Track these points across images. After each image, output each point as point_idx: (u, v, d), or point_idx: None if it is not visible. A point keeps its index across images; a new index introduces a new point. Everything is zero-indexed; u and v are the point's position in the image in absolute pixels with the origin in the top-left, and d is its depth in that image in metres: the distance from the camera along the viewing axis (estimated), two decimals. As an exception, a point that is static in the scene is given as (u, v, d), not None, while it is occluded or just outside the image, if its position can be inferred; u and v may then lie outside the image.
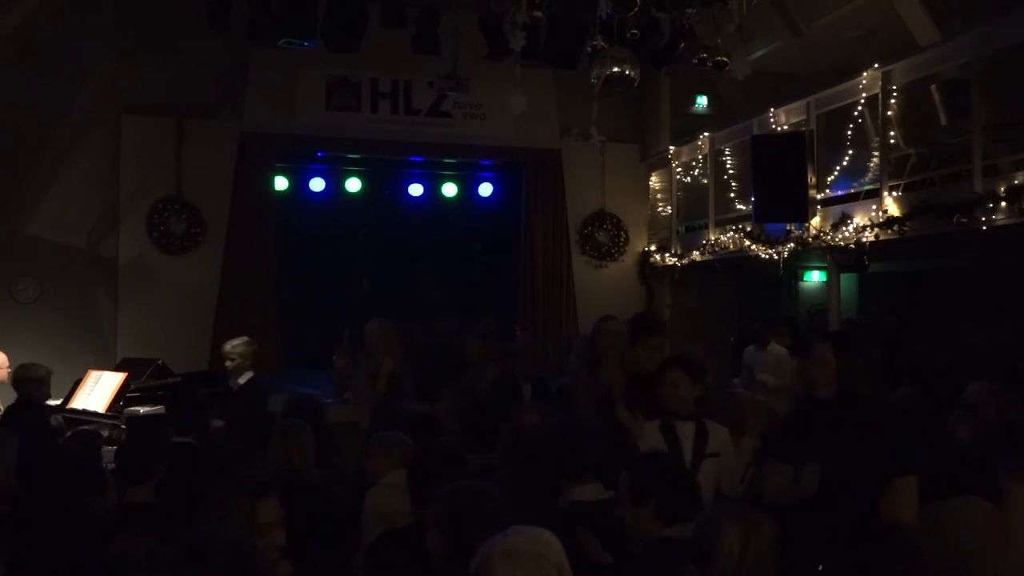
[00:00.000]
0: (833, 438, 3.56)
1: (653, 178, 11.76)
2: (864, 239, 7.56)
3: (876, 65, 7.62)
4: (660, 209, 11.61)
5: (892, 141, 7.52)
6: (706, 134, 10.30)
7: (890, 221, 7.28)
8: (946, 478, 3.32)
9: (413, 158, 11.49)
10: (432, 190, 11.87)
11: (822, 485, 3.51)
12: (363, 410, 6.05)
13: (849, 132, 7.98)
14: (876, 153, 7.71)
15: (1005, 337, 8.65)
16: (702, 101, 11.94)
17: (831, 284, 8.70)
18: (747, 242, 9.21)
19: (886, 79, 7.53)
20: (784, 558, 2.52)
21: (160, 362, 7.70)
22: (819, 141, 8.35)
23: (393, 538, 3.38)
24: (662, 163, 11.39)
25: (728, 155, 9.94)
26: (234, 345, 6.64)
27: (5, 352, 6.79)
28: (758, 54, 9.41)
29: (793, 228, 8.54)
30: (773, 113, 8.92)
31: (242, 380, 6.60)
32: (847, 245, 7.81)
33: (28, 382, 6.16)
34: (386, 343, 6.38)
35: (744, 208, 9.43)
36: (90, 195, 9.95)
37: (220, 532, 2.15)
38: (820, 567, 3.26)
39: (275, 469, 4.07)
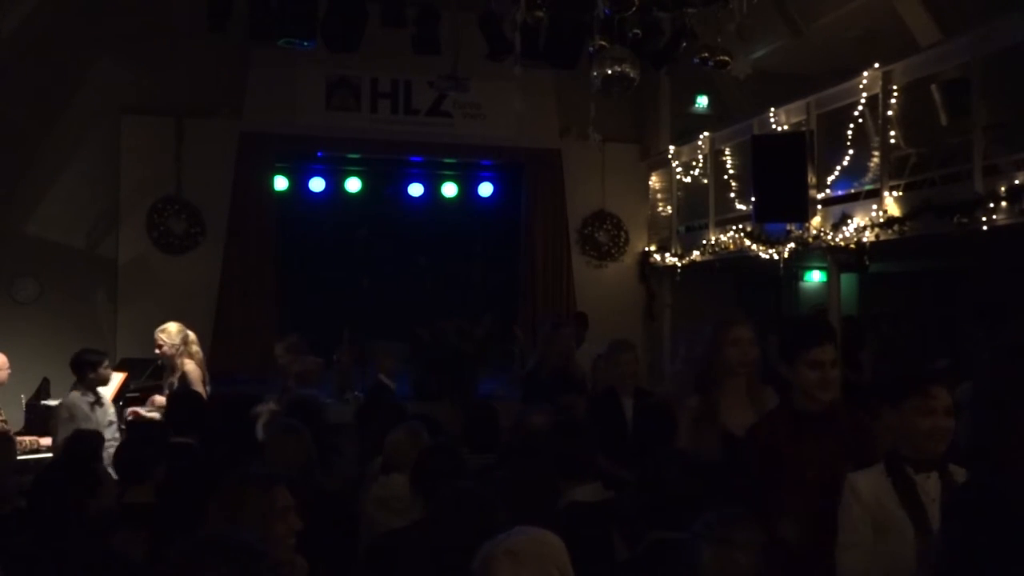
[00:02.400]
0: None
1: (653, 178, 11.75)
2: (864, 239, 7.56)
3: (876, 65, 7.61)
4: (660, 209, 11.61)
5: (892, 141, 7.51)
6: (706, 134, 10.29)
7: (890, 221, 7.28)
8: None
9: (413, 158, 11.49)
10: (432, 190, 11.87)
11: None
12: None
13: (849, 132, 7.97)
14: (876, 153, 7.71)
15: (1005, 337, 8.64)
16: (702, 101, 11.93)
17: (831, 284, 8.69)
18: (747, 242, 9.21)
19: (886, 79, 7.52)
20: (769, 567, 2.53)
21: (160, 362, 7.70)
22: (819, 141, 8.34)
23: (392, 538, 3.38)
24: (662, 163, 11.39)
25: (728, 155, 9.93)
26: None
27: (4, 352, 6.78)
28: (758, 54, 9.40)
29: (793, 228, 8.53)
30: (773, 113, 8.92)
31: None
32: (847, 245, 7.80)
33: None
34: (184, 347, 6.56)
35: (744, 208, 9.42)
36: (90, 195, 9.96)
37: (228, 533, 2.15)
38: None
39: (273, 469, 4.07)
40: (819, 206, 8.29)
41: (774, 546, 2.77)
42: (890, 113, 7.49)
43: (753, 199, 8.69)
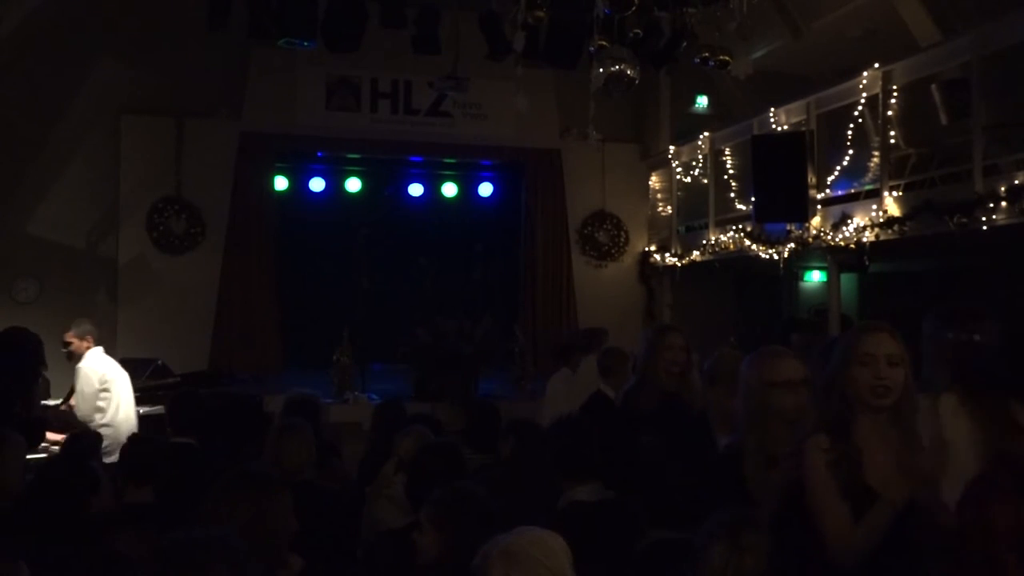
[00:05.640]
0: None
1: (653, 178, 11.75)
2: (864, 239, 7.56)
3: (876, 65, 7.61)
4: (660, 209, 11.61)
5: (892, 141, 7.52)
6: (706, 134, 10.29)
7: (890, 221, 7.28)
8: None
9: (413, 158, 11.50)
10: (432, 190, 11.87)
11: None
12: None
13: (849, 132, 7.97)
14: (876, 153, 7.71)
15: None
16: (702, 101, 11.93)
17: (831, 284, 8.69)
18: (747, 242, 9.21)
19: (886, 79, 7.52)
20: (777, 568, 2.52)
21: (160, 362, 7.72)
22: (819, 141, 8.35)
23: (391, 539, 3.38)
24: (662, 163, 11.39)
25: (728, 155, 9.93)
26: None
27: (5, 352, 6.77)
28: (758, 54, 9.39)
29: (793, 228, 8.53)
30: (773, 113, 8.92)
31: None
32: (847, 245, 7.80)
33: None
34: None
35: (744, 208, 9.43)
36: (90, 195, 9.96)
37: (214, 533, 2.14)
38: None
39: (273, 468, 4.06)
40: (819, 206, 8.29)
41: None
42: (890, 113, 7.50)
43: (753, 199, 8.70)
